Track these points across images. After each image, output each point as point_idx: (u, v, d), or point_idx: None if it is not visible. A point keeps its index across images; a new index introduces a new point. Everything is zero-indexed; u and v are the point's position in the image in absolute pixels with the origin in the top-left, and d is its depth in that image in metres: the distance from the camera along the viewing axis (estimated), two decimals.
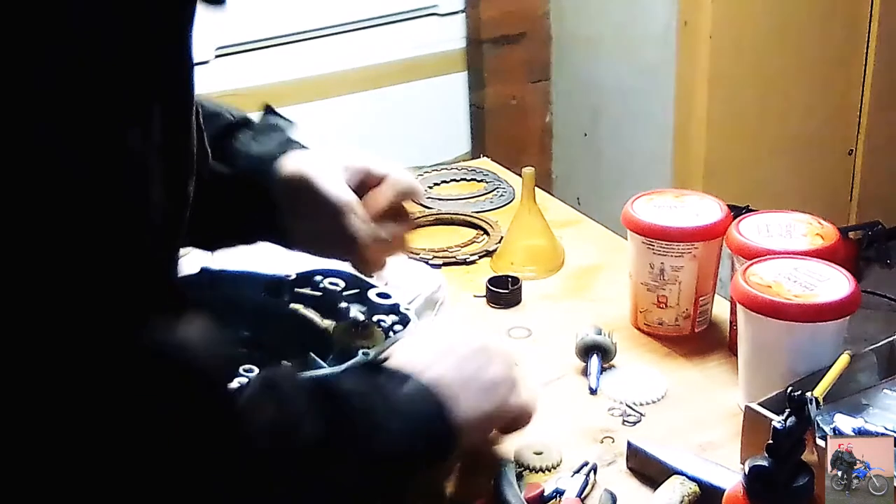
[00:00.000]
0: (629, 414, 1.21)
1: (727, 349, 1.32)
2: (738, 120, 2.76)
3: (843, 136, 2.97)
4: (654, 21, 2.70)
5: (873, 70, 2.90)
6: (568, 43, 2.95)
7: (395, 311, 1.29)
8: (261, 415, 0.84)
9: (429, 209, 1.73)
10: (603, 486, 1.09)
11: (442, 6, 2.75)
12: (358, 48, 2.65)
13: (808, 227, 1.29)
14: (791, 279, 1.16)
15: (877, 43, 2.87)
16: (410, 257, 1.55)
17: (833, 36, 2.83)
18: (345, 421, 0.89)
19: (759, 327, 1.15)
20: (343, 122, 2.65)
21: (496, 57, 2.89)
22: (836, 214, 2.90)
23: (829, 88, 2.89)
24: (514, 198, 1.74)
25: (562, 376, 1.29)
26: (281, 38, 2.54)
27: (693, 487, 1.05)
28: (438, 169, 1.88)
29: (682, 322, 1.35)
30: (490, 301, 1.46)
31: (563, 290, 1.50)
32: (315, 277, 1.32)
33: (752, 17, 2.70)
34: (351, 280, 1.32)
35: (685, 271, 1.32)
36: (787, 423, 0.93)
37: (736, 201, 2.27)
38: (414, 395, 0.95)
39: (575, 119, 3.00)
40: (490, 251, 1.58)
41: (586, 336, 1.30)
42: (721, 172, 2.75)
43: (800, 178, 2.91)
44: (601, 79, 2.88)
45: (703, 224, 1.32)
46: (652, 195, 1.39)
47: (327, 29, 2.61)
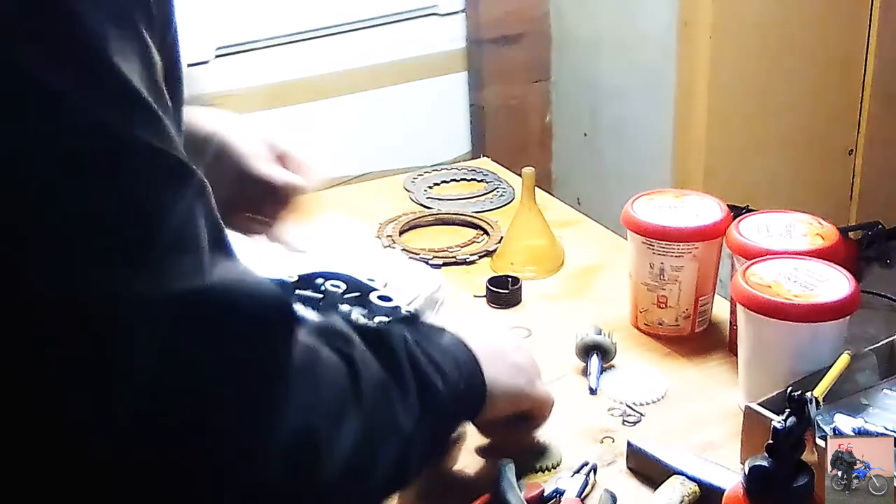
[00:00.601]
0: (629, 414, 1.21)
1: (727, 349, 1.32)
2: (738, 120, 2.76)
3: (843, 136, 2.97)
4: (654, 21, 2.70)
5: (873, 70, 2.90)
6: (568, 43, 2.95)
7: (395, 313, 1.29)
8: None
9: (429, 209, 1.73)
10: (603, 486, 1.09)
11: (442, 6, 2.74)
12: (358, 48, 2.65)
13: (808, 227, 1.29)
14: (791, 279, 1.16)
15: (877, 43, 2.87)
16: (410, 257, 1.55)
17: (833, 36, 2.83)
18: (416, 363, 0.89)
19: (759, 327, 1.15)
20: (343, 122, 2.64)
21: (496, 57, 2.88)
22: (836, 214, 2.90)
23: (829, 88, 2.89)
24: (514, 198, 1.74)
25: (562, 376, 1.29)
26: (281, 38, 2.54)
27: (693, 487, 1.05)
28: (438, 169, 1.87)
29: (682, 322, 1.35)
30: (490, 301, 1.46)
31: (563, 290, 1.50)
32: (316, 280, 1.32)
33: (752, 18, 2.69)
34: (352, 283, 1.33)
35: (685, 271, 1.32)
36: (787, 423, 0.93)
37: (736, 201, 2.27)
38: (453, 343, 0.97)
39: (575, 119, 2.99)
40: (490, 251, 1.58)
41: (586, 336, 1.30)
42: (721, 172, 2.75)
43: (800, 178, 2.91)
44: (601, 79, 2.88)
45: (703, 224, 1.32)
46: (652, 195, 1.39)
47: (327, 29, 2.61)
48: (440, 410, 0.90)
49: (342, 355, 0.81)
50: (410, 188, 1.81)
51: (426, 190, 1.79)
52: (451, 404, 0.91)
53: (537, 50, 2.97)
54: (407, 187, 1.81)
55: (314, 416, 0.74)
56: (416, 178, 1.84)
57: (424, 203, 1.75)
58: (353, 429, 0.77)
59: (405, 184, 1.83)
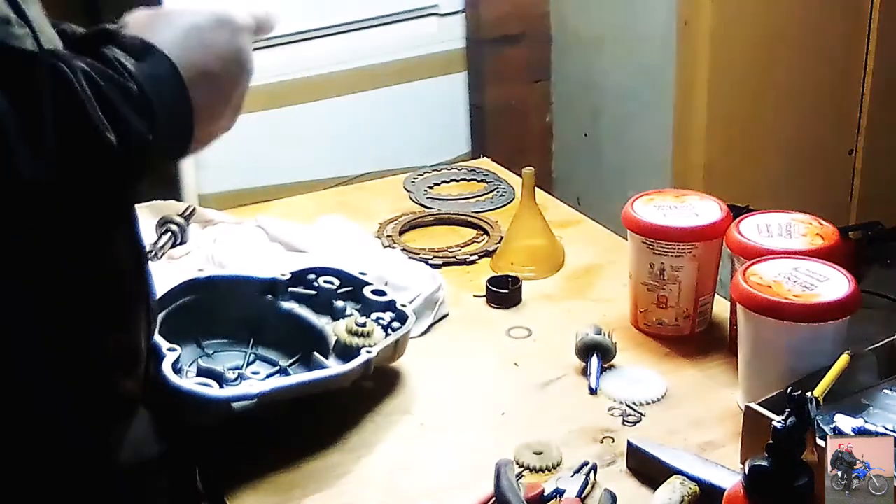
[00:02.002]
0: (629, 414, 1.21)
1: (727, 349, 1.32)
2: (738, 120, 2.76)
3: (843, 136, 2.97)
4: (654, 21, 2.70)
5: (873, 70, 2.89)
6: (568, 43, 2.95)
7: (391, 308, 1.30)
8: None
9: (429, 209, 1.73)
10: (603, 486, 1.09)
11: (442, 6, 2.74)
12: (358, 48, 2.65)
13: (808, 227, 1.29)
14: (791, 279, 1.16)
15: (877, 43, 2.87)
16: (410, 257, 1.55)
17: (833, 36, 2.83)
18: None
19: (759, 327, 1.15)
20: (343, 121, 2.64)
21: (496, 57, 2.88)
22: (836, 214, 2.90)
23: (829, 88, 2.88)
24: (514, 198, 1.74)
25: (562, 376, 1.29)
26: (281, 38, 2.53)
27: (693, 487, 1.05)
28: (438, 169, 1.88)
29: (682, 322, 1.35)
30: (490, 301, 1.46)
31: (563, 290, 1.50)
32: (309, 276, 1.32)
33: (752, 18, 2.69)
34: (345, 277, 1.33)
35: (685, 271, 1.32)
36: (787, 423, 0.93)
37: (736, 201, 2.27)
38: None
39: (575, 119, 2.99)
40: (490, 251, 1.58)
41: (586, 336, 1.30)
42: (721, 172, 2.74)
43: (800, 178, 2.91)
44: (601, 79, 2.87)
45: (703, 224, 1.32)
46: (652, 195, 1.39)
47: (327, 29, 2.60)
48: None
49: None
50: (410, 188, 1.81)
51: (426, 190, 1.79)
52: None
53: (537, 50, 2.97)
54: (407, 187, 1.82)
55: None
56: (416, 178, 1.84)
57: (424, 203, 1.75)
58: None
59: (405, 184, 1.83)
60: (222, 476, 1.15)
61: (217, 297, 1.29)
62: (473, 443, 1.19)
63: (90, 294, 0.87)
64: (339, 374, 1.18)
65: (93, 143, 0.77)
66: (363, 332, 1.23)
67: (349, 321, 1.25)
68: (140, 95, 0.80)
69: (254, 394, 1.12)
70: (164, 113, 0.82)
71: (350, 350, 1.22)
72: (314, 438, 1.19)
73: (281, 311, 1.30)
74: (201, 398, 1.10)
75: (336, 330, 1.25)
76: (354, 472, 1.15)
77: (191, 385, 1.11)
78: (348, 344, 1.22)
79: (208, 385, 1.12)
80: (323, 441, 1.19)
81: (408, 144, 2.63)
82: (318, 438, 1.19)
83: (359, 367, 1.20)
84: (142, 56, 0.83)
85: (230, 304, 1.30)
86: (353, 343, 1.22)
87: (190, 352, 1.24)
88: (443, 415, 1.24)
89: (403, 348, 1.30)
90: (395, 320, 1.28)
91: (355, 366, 1.19)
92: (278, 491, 1.13)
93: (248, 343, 1.29)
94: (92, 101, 0.77)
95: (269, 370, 1.25)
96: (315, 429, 1.21)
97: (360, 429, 1.22)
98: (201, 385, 1.12)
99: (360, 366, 1.20)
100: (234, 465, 1.16)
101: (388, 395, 1.27)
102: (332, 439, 1.20)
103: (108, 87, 0.79)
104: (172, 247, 1.55)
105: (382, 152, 2.54)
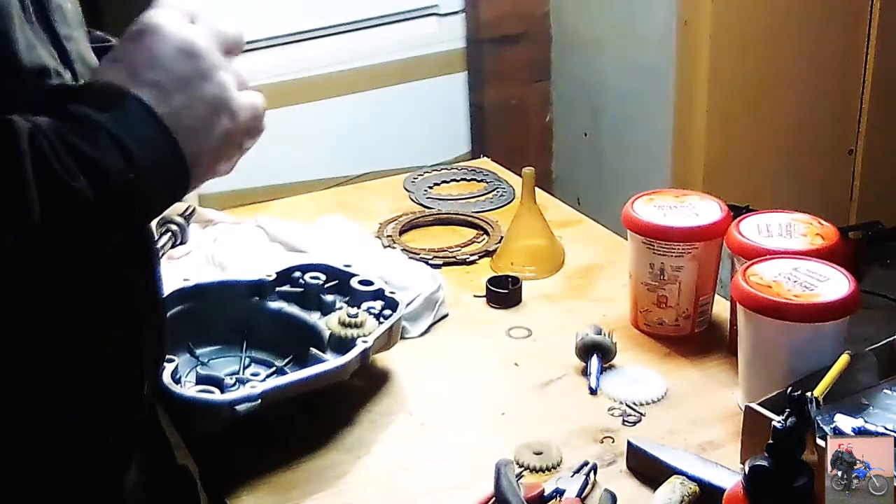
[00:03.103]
0: (629, 414, 1.21)
1: (727, 349, 1.32)
2: (738, 120, 2.76)
3: (843, 136, 2.97)
4: (654, 21, 2.70)
5: (873, 70, 2.89)
6: (568, 43, 2.95)
7: (380, 297, 1.30)
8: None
9: (429, 209, 1.73)
10: (603, 486, 1.09)
11: (442, 6, 2.74)
12: (358, 48, 2.65)
13: (808, 227, 1.29)
14: (791, 279, 1.16)
15: (877, 43, 2.87)
16: (410, 257, 1.55)
17: (833, 36, 2.83)
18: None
19: (759, 327, 1.15)
20: (343, 121, 2.64)
21: (496, 57, 2.88)
22: (836, 214, 2.90)
23: (829, 88, 2.88)
24: (514, 198, 1.74)
25: (562, 376, 1.29)
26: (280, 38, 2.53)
27: (693, 487, 1.05)
28: (438, 169, 1.88)
29: (682, 322, 1.35)
30: (490, 301, 1.46)
31: (563, 290, 1.50)
32: (294, 274, 1.32)
33: (752, 17, 2.69)
34: (330, 272, 1.33)
35: (685, 271, 1.32)
36: (787, 423, 0.93)
37: (736, 201, 2.27)
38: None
39: (575, 119, 2.99)
40: (490, 251, 1.58)
41: (586, 336, 1.30)
42: (721, 172, 2.74)
43: (800, 178, 2.91)
44: (601, 79, 2.87)
45: (703, 224, 1.32)
46: (652, 195, 1.39)
47: (327, 29, 2.60)
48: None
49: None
50: (410, 188, 1.81)
51: (426, 190, 1.79)
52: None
53: (537, 50, 2.97)
54: (407, 187, 1.82)
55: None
56: (416, 178, 1.84)
57: (424, 203, 1.75)
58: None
59: (405, 184, 1.83)
60: (222, 476, 1.15)
61: (205, 305, 1.29)
62: (473, 443, 1.19)
63: (94, 294, 0.87)
64: (338, 366, 1.18)
65: (61, 193, 0.75)
66: (356, 323, 1.23)
67: (340, 314, 1.25)
68: (106, 134, 0.78)
69: (257, 394, 1.12)
70: (139, 146, 0.80)
71: (345, 342, 1.22)
72: (314, 438, 1.19)
73: (270, 311, 1.30)
74: (206, 405, 1.10)
75: (329, 324, 1.25)
76: (354, 472, 1.15)
77: (193, 393, 1.11)
78: (343, 336, 1.22)
79: (210, 392, 1.12)
80: (323, 441, 1.19)
81: (408, 144, 2.63)
82: (317, 438, 1.19)
83: (356, 358, 1.20)
84: (106, 103, 0.80)
85: (219, 310, 1.29)
86: (347, 335, 1.22)
87: (185, 362, 1.24)
88: (443, 415, 1.24)
89: (397, 335, 1.30)
90: (385, 308, 1.28)
91: (353, 357, 1.19)
92: (278, 491, 1.13)
93: (241, 347, 1.28)
94: (43, 154, 0.75)
95: (266, 372, 1.25)
96: (315, 429, 1.21)
97: (359, 429, 1.22)
98: (204, 392, 1.12)
99: (358, 356, 1.20)
100: (235, 466, 1.16)
101: (388, 395, 1.27)
102: (331, 439, 1.20)
103: (70, 137, 0.77)
104: (172, 247, 1.55)
105: (382, 152, 2.54)
